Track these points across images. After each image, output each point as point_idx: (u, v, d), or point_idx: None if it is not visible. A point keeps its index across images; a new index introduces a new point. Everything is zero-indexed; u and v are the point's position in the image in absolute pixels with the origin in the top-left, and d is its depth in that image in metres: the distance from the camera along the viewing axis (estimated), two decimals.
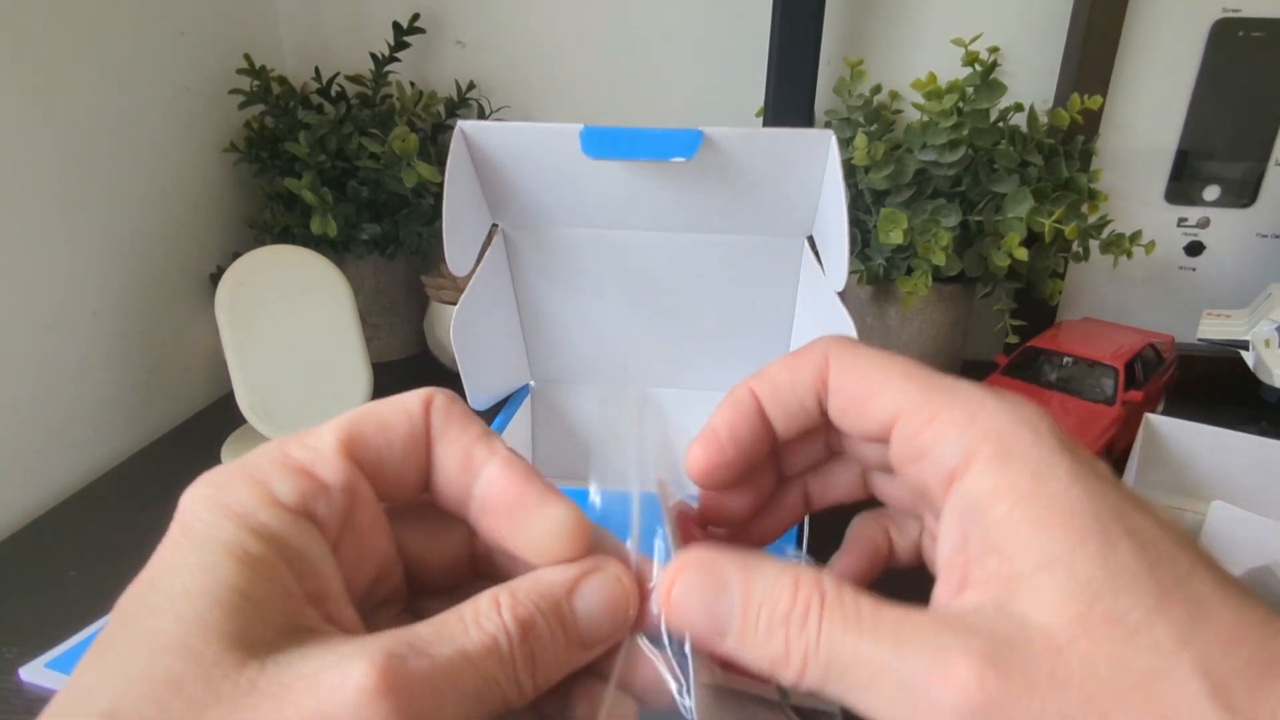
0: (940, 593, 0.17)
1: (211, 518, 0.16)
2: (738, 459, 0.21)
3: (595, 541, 0.19)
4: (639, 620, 0.18)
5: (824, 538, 0.46)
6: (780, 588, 0.17)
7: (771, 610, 0.16)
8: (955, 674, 0.15)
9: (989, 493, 0.16)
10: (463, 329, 0.43)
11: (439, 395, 0.20)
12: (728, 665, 0.18)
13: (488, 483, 0.19)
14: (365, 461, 0.18)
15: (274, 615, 0.15)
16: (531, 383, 0.52)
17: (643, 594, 0.19)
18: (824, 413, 0.20)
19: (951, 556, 0.17)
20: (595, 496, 0.21)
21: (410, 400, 0.20)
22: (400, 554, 0.20)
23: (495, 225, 0.46)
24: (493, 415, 0.47)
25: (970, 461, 0.16)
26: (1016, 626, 0.15)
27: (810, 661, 0.16)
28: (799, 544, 0.42)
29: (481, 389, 0.46)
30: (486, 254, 0.44)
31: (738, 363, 0.50)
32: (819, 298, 0.42)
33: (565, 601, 0.18)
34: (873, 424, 0.18)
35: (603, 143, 0.39)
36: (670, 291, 0.47)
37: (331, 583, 0.17)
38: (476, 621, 0.16)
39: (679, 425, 0.51)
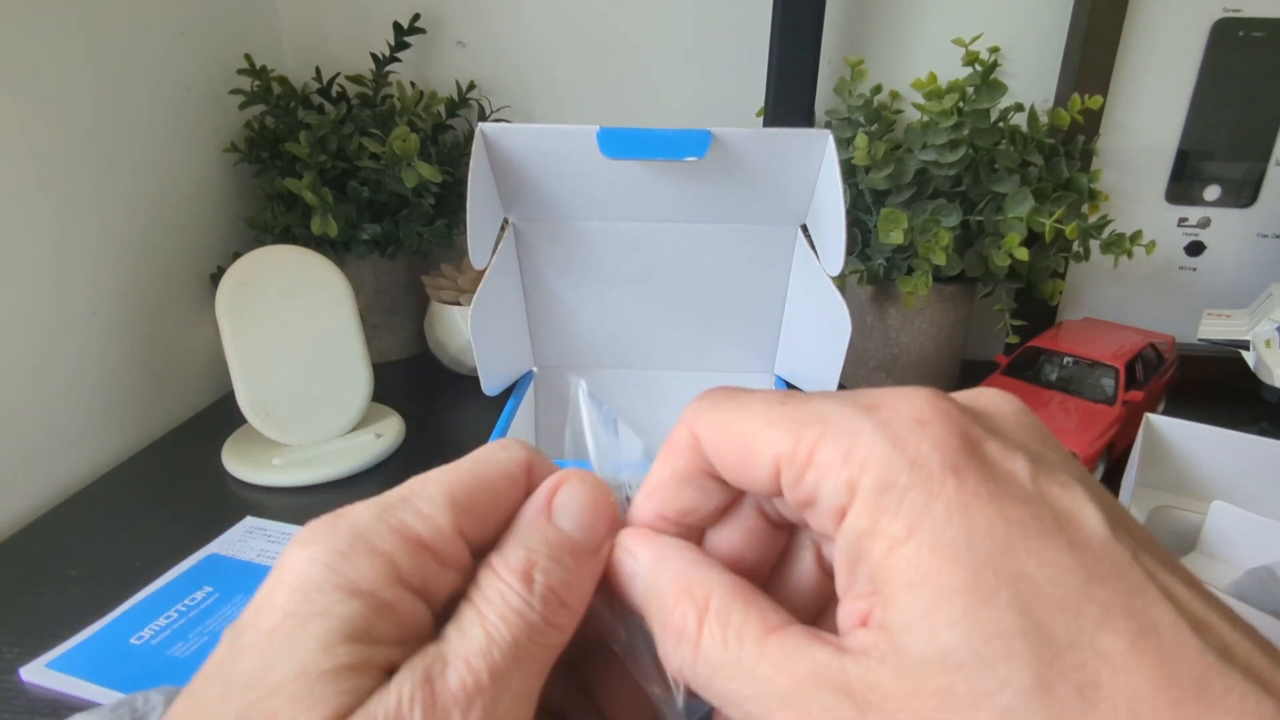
0: (840, 620, 0.16)
1: (336, 593, 0.15)
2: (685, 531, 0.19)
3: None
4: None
5: None
6: (672, 595, 0.17)
7: (657, 618, 0.17)
8: None
9: (866, 534, 0.14)
10: (480, 319, 0.45)
11: (536, 459, 0.19)
12: None
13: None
14: (471, 532, 0.17)
15: (376, 684, 0.15)
16: (535, 368, 0.54)
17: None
18: (729, 483, 0.18)
19: (845, 589, 0.16)
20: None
21: (513, 467, 0.18)
22: None
23: (506, 220, 0.48)
24: (501, 401, 0.48)
25: (851, 499, 0.15)
26: (891, 687, 0.14)
27: (687, 675, 0.16)
28: None
29: (493, 376, 0.48)
30: (499, 247, 0.46)
31: (733, 344, 0.53)
32: (813, 281, 0.46)
33: (549, 527, 0.18)
34: (763, 481, 0.16)
35: (619, 143, 0.42)
36: (670, 278, 0.50)
37: (422, 635, 0.16)
38: (489, 602, 0.16)
39: (679, 406, 0.53)
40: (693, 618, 0.16)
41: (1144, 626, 0.13)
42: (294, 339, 0.54)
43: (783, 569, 0.20)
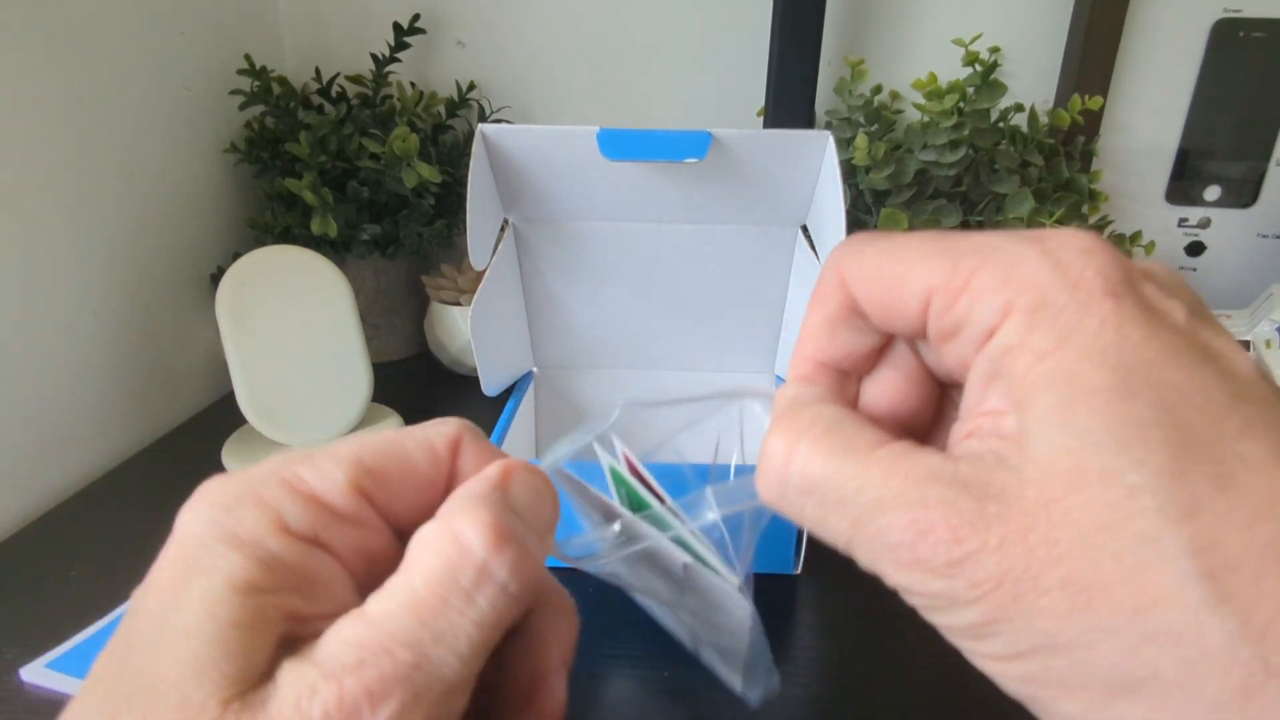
0: (953, 437, 0.16)
1: (217, 546, 0.15)
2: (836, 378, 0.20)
3: None
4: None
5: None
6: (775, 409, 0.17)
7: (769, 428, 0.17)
8: (931, 535, 0.14)
9: (1014, 348, 0.14)
10: (480, 319, 0.45)
11: (466, 435, 0.19)
12: None
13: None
14: (377, 495, 0.17)
15: (277, 638, 0.15)
16: (534, 369, 0.54)
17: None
18: (881, 328, 0.18)
19: (969, 409, 0.16)
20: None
21: (437, 440, 0.18)
22: None
23: (506, 220, 0.48)
24: (501, 401, 0.48)
25: (1004, 319, 0.15)
26: (1009, 482, 0.14)
27: (797, 481, 0.16)
28: (797, 551, 0.43)
29: (493, 376, 0.48)
30: (499, 247, 0.46)
31: (734, 344, 0.54)
32: (813, 282, 0.45)
33: (506, 499, 0.17)
34: (910, 318, 0.16)
35: (620, 144, 0.42)
36: (670, 279, 0.50)
37: (347, 602, 0.16)
38: (432, 563, 0.16)
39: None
40: (785, 440, 0.16)
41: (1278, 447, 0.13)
42: (294, 339, 0.54)
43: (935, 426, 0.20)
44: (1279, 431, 0.13)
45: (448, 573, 0.15)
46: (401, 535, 0.17)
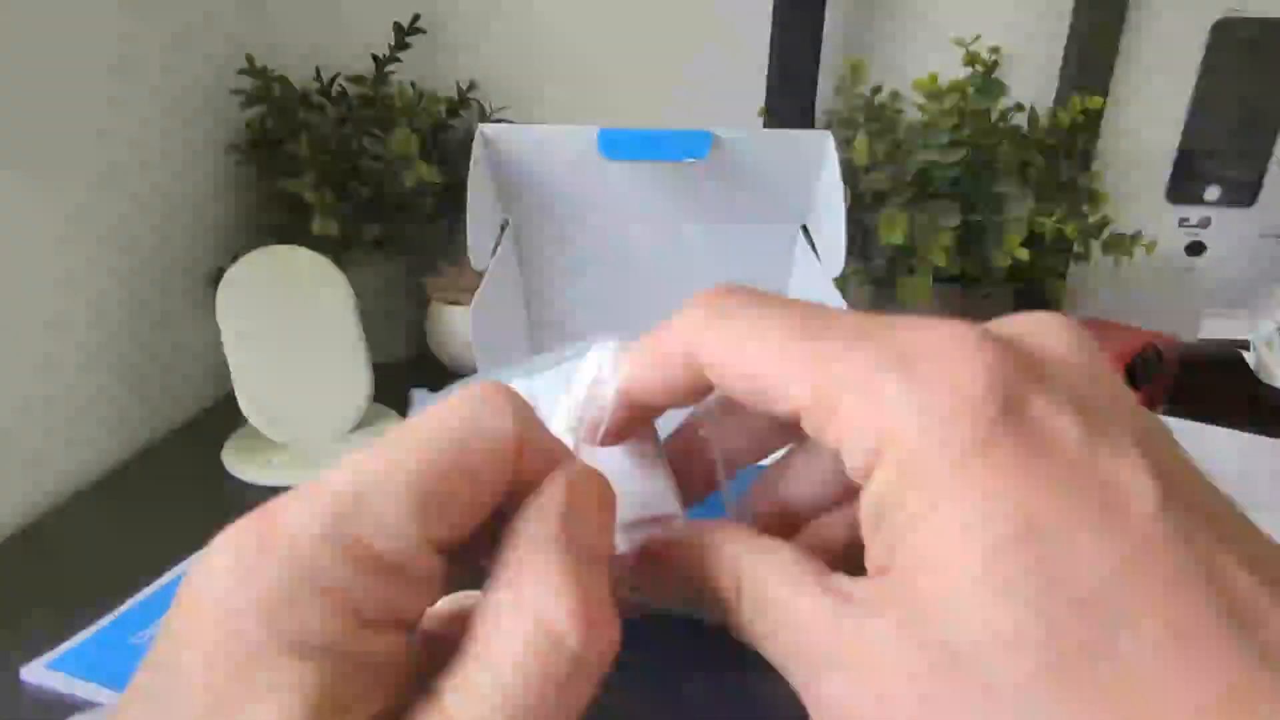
0: (866, 561, 0.15)
1: (281, 660, 0.12)
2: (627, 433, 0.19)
3: None
4: None
5: None
6: (773, 564, 0.16)
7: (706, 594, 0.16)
8: (895, 659, 0.13)
9: (890, 503, 0.13)
10: (479, 319, 0.45)
11: (527, 431, 0.15)
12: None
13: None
14: (444, 540, 0.14)
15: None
16: None
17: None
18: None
19: (868, 543, 0.15)
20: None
21: (503, 446, 0.14)
22: None
23: (506, 220, 0.48)
24: None
25: (876, 463, 0.14)
26: (880, 653, 0.13)
27: (760, 631, 0.16)
28: None
29: (494, 376, 0.48)
30: (499, 247, 0.46)
31: None
32: (813, 282, 0.46)
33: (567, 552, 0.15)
34: (783, 417, 0.15)
35: (620, 144, 0.42)
36: (670, 279, 0.50)
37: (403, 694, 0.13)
38: (507, 636, 0.13)
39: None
40: (733, 593, 0.16)
41: (1174, 627, 0.11)
42: (294, 339, 0.54)
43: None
44: (1169, 610, 0.11)
45: (540, 669, 0.13)
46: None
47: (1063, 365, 0.14)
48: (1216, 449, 0.49)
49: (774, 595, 0.15)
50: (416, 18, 0.69)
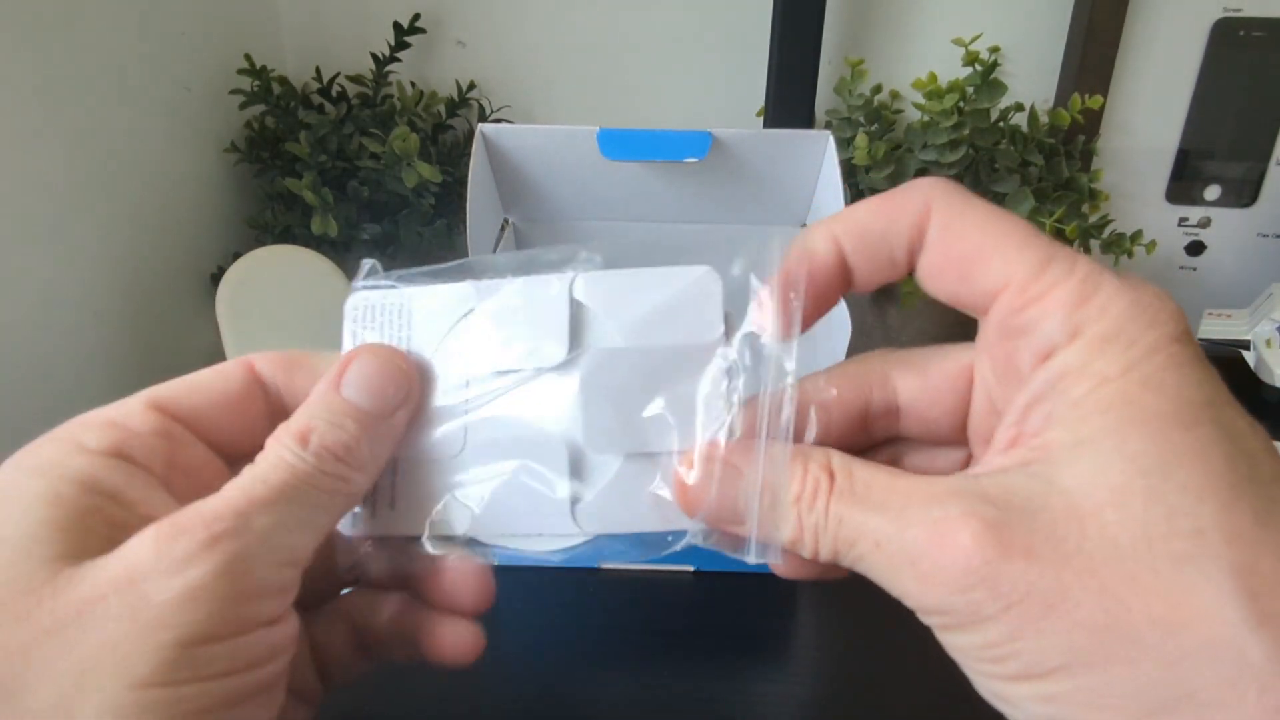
0: (993, 445, 0.16)
1: (21, 479, 0.16)
2: (813, 314, 0.18)
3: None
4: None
5: None
6: (790, 473, 0.17)
7: (784, 494, 0.17)
8: (953, 542, 0.14)
9: (1073, 373, 0.14)
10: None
11: (260, 355, 0.21)
12: None
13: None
14: (180, 413, 0.19)
15: (90, 541, 0.16)
16: None
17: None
18: (911, 266, 0.17)
19: (1012, 422, 0.16)
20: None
21: (227, 364, 0.21)
22: None
23: (506, 220, 0.48)
24: None
25: (1071, 341, 0.15)
26: (1037, 491, 0.14)
27: (821, 538, 0.16)
28: None
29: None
30: (499, 248, 0.46)
31: None
32: None
33: (335, 396, 0.19)
34: (973, 293, 0.16)
35: (619, 144, 0.42)
36: None
37: (163, 508, 0.17)
38: (263, 457, 0.18)
39: None
40: (825, 480, 0.16)
41: None
42: (294, 339, 0.54)
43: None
44: None
45: (271, 469, 0.17)
46: (229, 449, 0.20)
47: None
48: None
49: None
50: (416, 17, 0.69)
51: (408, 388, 0.20)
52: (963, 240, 0.16)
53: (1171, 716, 0.12)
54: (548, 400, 0.19)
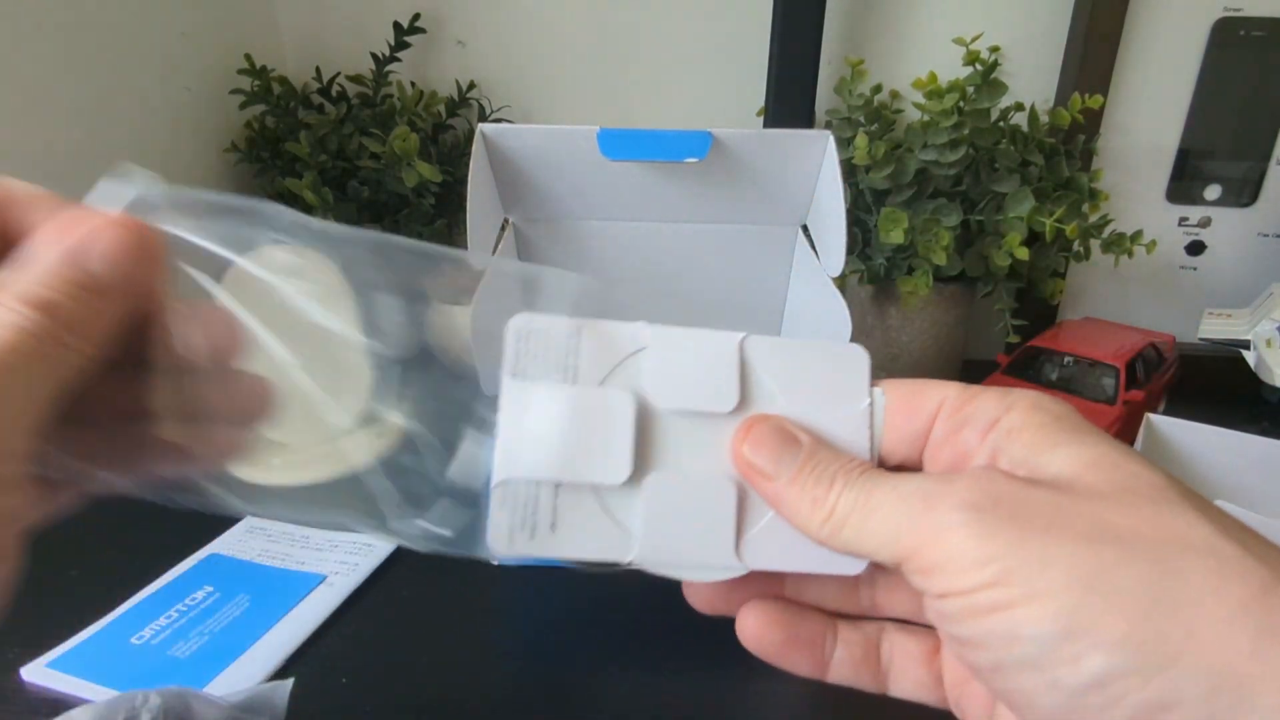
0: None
1: None
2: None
3: None
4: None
5: None
6: (838, 453, 0.20)
7: (829, 463, 0.20)
8: (958, 486, 0.18)
9: (1019, 428, 0.19)
10: (480, 319, 0.45)
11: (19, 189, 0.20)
12: None
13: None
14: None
15: None
16: None
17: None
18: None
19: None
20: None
21: None
22: None
23: (506, 220, 0.48)
24: None
25: (1008, 411, 0.19)
26: (1028, 474, 0.18)
27: (842, 502, 0.19)
28: None
29: (493, 376, 0.48)
30: (499, 247, 0.46)
31: None
32: (814, 281, 0.46)
33: (71, 269, 0.18)
34: (923, 414, 0.20)
35: (619, 144, 0.42)
36: (670, 279, 0.50)
37: None
38: None
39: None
40: (860, 465, 0.20)
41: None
42: (294, 339, 0.54)
43: None
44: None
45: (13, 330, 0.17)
46: None
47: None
48: (1216, 449, 0.49)
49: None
50: (416, 17, 0.69)
51: (154, 262, 0.20)
52: (900, 391, 0.21)
53: (1172, 605, 0.15)
54: (714, 441, 0.21)
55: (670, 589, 0.21)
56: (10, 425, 0.17)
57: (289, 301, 0.23)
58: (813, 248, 0.46)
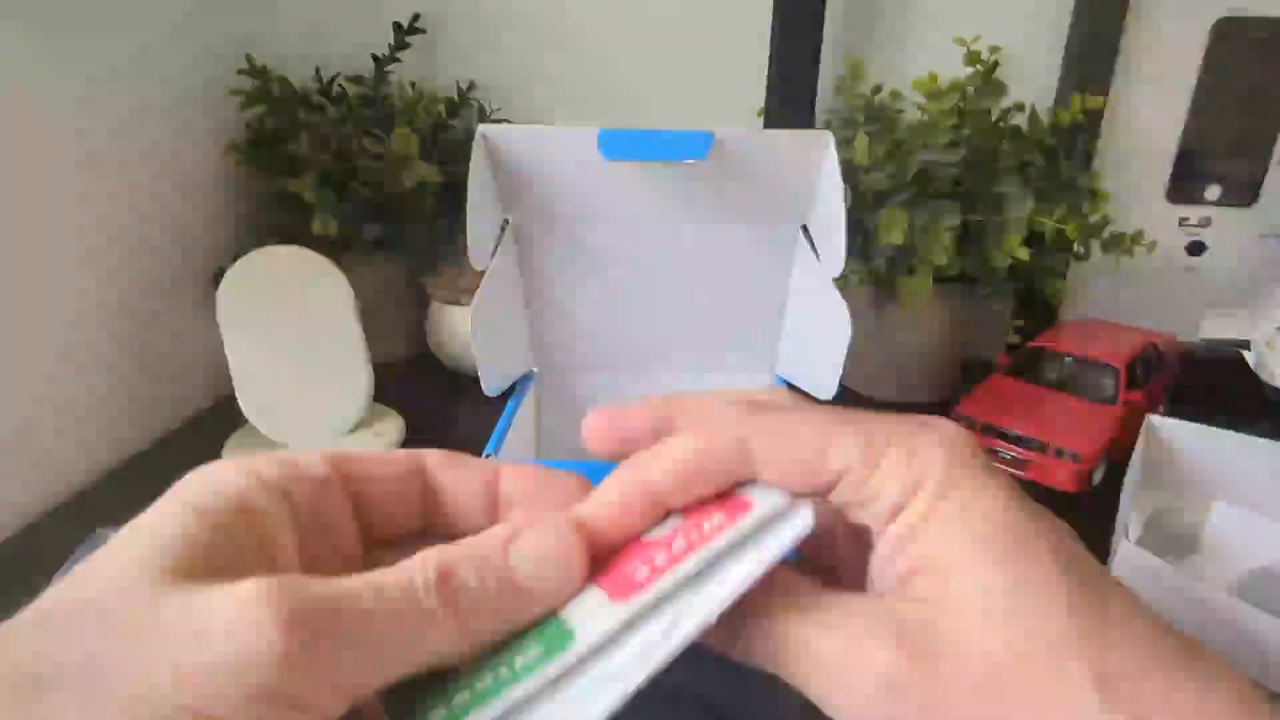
0: (874, 587, 0.19)
1: (193, 484, 0.17)
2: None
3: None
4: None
5: None
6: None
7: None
8: (871, 657, 0.17)
9: (922, 522, 0.18)
10: (479, 319, 0.45)
11: (431, 451, 0.21)
12: None
13: (512, 479, 0.21)
14: (351, 475, 0.19)
15: (216, 558, 0.16)
16: (534, 369, 0.54)
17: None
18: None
19: (883, 569, 0.19)
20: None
21: (399, 451, 0.21)
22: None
23: (506, 220, 0.48)
24: (501, 402, 0.48)
25: (911, 498, 0.18)
26: (930, 616, 0.17)
27: (757, 645, 0.18)
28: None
29: (494, 376, 0.48)
30: (499, 247, 0.46)
31: (734, 344, 0.53)
32: (814, 282, 0.46)
33: (497, 551, 0.18)
34: (823, 482, 0.19)
35: (620, 145, 0.42)
36: (670, 279, 0.50)
37: (287, 549, 0.17)
38: (398, 566, 0.17)
39: None
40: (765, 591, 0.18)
41: (1131, 599, 0.17)
42: (294, 339, 0.54)
43: None
44: (1126, 591, 0.17)
45: (393, 584, 0.16)
46: (380, 526, 0.20)
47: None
48: (1216, 449, 0.49)
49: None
50: (416, 17, 0.69)
51: (565, 587, 0.18)
52: (792, 450, 0.19)
53: None
54: None
55: None
56: (329, 674, 0.15)
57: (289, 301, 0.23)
58: (813, 248, 0.46)
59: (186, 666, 0.14)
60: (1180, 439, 0.50)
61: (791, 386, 0.52)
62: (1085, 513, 0.51)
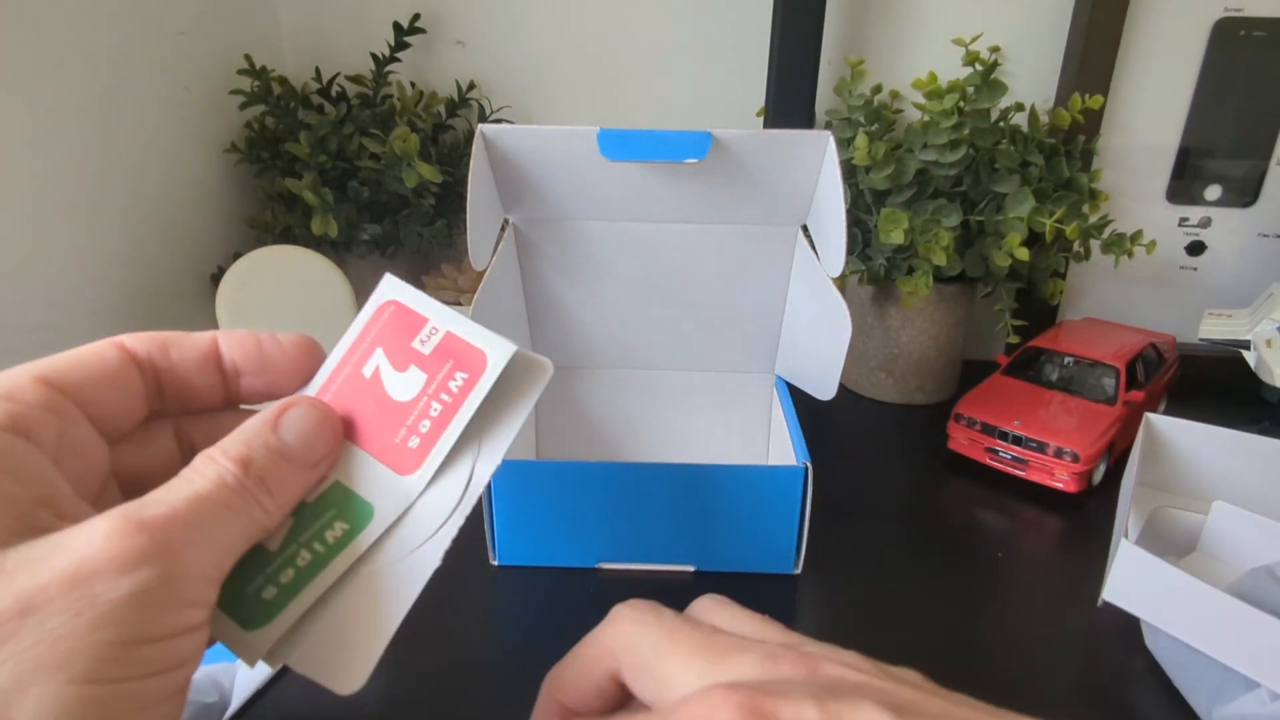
0: None
1: None
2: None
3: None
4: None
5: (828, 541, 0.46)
6: None
7: None
8: None
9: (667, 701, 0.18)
10: (480, 319, 0.45)
11: (128, 335, 0.22)
12: None
13: (234, 348, 0.24)
14: (66, 386, 0.19)
15: (3, 519, 0.16)
16: None
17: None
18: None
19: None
20: None
21: (99, 342, 0.22)
22: (120, 473, 0.21)
23: (506, 220, 0.48)
24: None
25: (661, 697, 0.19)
26: None
27: None
28: (798, 551, 0.43)
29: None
30: (499, 247, 0.46)
31: (734, 345, 0.53)
32: (814, 281, 0.46)
33: (272, 435, 0.20)
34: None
35: (620, 145, 0.42)
36: (670, 278, 0.50)
37: (58, 487, 0.17)
38: (198, 472, 0.19)
39: (678, 406, 0.54)
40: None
41: None
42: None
43: None
44: None
45: (214, 487, 0.18)
46: (108, 425, 0.20)
47: (772, 645, 0.19)
48: (1216, 449, 0.49)
49: None
50: (416, 17, 0.69)
51: (334, 447, 0.22)
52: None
53: None
54: None
55: (669, 588, 0.21)
56: (198, 573, 0.17)
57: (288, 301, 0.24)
58: (813, 248, 0.46)
59: (64, 639, 0.15)
60: (1180, 439, 0.50)
61: (791, 387, 0.52)
62: (1085, 513, 0.51)
